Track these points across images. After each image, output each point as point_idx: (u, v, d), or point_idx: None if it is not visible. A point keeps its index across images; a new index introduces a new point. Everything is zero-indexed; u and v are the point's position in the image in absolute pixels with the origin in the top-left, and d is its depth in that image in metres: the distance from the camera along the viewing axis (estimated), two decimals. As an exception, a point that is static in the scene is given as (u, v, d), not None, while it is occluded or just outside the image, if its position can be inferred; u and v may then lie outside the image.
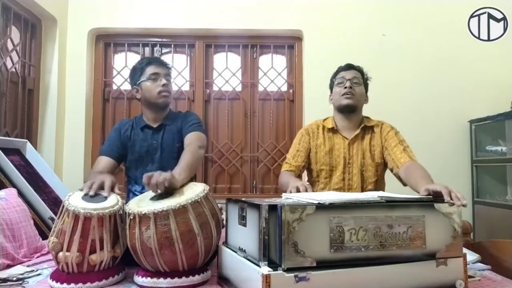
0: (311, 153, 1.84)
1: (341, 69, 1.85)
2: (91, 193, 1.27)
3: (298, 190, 1.44)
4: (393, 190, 1.49)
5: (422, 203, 1.10)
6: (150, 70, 1.70)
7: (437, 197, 1.20)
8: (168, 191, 1.27)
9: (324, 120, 1.90)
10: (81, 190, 1.29)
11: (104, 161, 1.67)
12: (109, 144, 1.74)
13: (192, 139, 1.64)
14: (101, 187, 1.32)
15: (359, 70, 1.85)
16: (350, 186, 1.79)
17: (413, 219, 1.04)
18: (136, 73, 1.74)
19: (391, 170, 1.76)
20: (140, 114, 1.81)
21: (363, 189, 1.78)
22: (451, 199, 1.14)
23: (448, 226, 1.08)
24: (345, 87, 1.77)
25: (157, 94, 1.68)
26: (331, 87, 1.89)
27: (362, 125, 1.82)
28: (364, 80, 1.85)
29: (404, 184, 1.67)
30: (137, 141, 1.74)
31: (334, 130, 1.84)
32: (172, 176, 1.26)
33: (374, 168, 1.79)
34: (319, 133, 1.86)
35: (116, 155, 1.71)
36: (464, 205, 1.12)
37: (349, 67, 1.84)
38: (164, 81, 1.69)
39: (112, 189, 1.33)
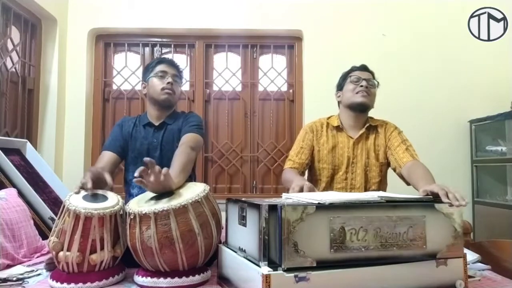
0: (314, 151, 1.83)
1: (355, 68, 1.84)
2: (89, 192, 1.26)
3: (301, 189, 1.43)
4: (395, 190, 1.49)
5: (423, 203, 1.10)
6: (159, 68, 1.75)
7: (436, 197, 1.18)
8: (169, 191, 1.27)
9: (329, 118, 1.88)
10: (77, 193, 1.25)
11: (107, 156, 1.68)
12: (111, 139, 1.76)
13: (185, 140, 1.63)
14: (98, 179, 1.32)
15: (372, 74, 1.84)
16: (353, 186, 1.78)
17: (413, 220, 1.04)
18: (147, 70, 1.80)
19: (394, 170, 1.75)
20: (145, 112, 1.84)
21: (366, 189, 1.77)
22: (449, 199, 1.12)
23: (449, 226, 1.08)
24: (361, 86, 1.76)
25: (160, 90, 1.71)
26: (341, 85, 1.86)
27: (367, 124, 1.81)
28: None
29: (408, 184, 1.66)
30: (138, 138, 1.75)
31: (339, 128, 1.83)
32: (169, 175, 1.25)
33: (378, 168, 1.78)
34: (322, 131, 1.84)
35: (119, 150, 1.72)
36: (463, 205, 1.10)
37: (364, 68, 1.83)
38: (169, 79, 1.72)
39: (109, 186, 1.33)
